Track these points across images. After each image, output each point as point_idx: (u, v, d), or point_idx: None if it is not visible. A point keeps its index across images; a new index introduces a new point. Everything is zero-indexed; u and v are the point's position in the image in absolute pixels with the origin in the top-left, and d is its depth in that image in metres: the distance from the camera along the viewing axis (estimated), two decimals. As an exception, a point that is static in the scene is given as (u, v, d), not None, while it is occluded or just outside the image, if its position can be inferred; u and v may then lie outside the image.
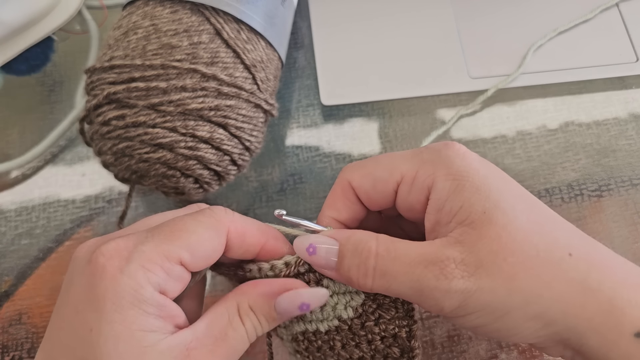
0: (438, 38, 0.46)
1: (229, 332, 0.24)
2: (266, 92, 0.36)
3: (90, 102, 0.33)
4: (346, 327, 0.27)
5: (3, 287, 0.39)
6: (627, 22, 0.46)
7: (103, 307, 0.21)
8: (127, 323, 0.21)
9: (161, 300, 0.22)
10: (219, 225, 0.25)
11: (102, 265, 0.22)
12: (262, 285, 0.26)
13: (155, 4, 0.34)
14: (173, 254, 0.23)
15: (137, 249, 0.23)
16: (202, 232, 0.24)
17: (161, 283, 0.22)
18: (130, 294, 0.21)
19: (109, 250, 0.22)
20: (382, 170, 0.27)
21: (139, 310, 0.22)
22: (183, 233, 0.23)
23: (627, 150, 0.43)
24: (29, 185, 0.42)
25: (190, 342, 0.23)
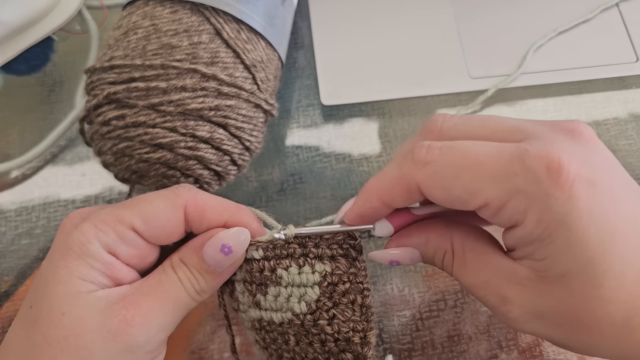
0: (438, 38, 0.46)
1: (162, 278, 0.25)
2: (266, 92, 0.36)
3: (90, 102, 0.33)
4: (298, 323, 0.26)
5: (3, 287, 0.39)
6: (627, 22, 0.46)
7: (52, 255, 0.24)
8: (69, 269, 0.23)
9: (108, 258, 0.24)
10: (176, 199, 0.26)
11: (64, 224, 0.25)
12: (191, 240, 0.27)
13: (155, 4, 0.34)
14: (126, 218, 0.25)
15: (95, 212, 0.25)
16: (158, 203, 0.25)
17: (110, 244, 0.24)
18: (77, 246, 0.24)
19: (74, 213, 0.26)
20: (462, 189, 0.22)
21: (82, 262, 0.23)
22: (139, 202, 0.25)
23: (627, 150, 0.43)
24: (29, 185, 0.42)
25: (127, 290, 0.24)
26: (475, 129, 0.23)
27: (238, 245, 0.26)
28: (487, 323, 0.37)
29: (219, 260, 0.25)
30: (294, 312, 0.26)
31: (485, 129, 0.23)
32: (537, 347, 0.36)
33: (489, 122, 0.23)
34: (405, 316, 0.37)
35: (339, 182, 0.42)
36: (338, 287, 0.26)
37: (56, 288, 0.23)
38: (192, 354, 0.36)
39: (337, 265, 0.27)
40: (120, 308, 0.23)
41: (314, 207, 0.41)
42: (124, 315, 0.23)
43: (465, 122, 0.24)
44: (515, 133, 0.22)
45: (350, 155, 0.43)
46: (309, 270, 0.27)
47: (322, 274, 0.26)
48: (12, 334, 0.24)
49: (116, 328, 0.23)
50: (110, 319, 0.23)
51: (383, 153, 0.43)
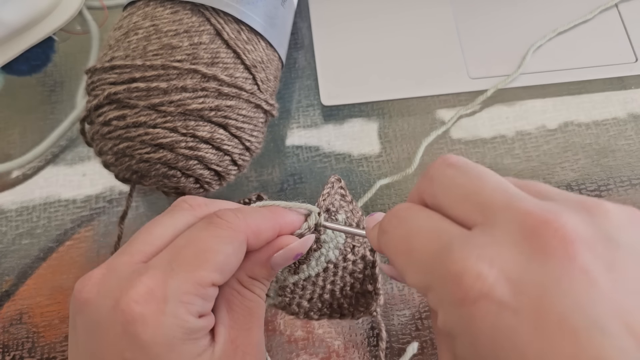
0: (438, 38, 0.46)
1: (247, 304, 0.25)
2: (266, 93, 0.36)
3: (90, 102, 0.33)
4: (333, 267, 0.30)
5: (4, 287, 0.39)
6: (626, 23, 0.46)
7: (157, 351, 0.21)
8: (186, 356, 0.22)
9: (204, 322, 0.23)
10: (239, 236, 0.24)
11: (141, 314, 0.21)
12: (253, 255, 0.26)
13: (155, 5, 0.34)
14: (206, 279, 0.23)
15: (169, 285, 0.22)
16: (226, 249, 0.24)
17: (200, 310, 0.23)
18: (179, 331, 0.22)
19: (141, 295, 0.22)
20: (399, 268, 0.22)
21: (190, 341, 0.22)
22: (209, 255, 0.23)
23: (626, 151, 0.43)
24: (30, 185, 0.42)
25: (229, 335, 0.24)
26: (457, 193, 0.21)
27: (305, 249, 0.28)
28: (487, 323, 0.37)
29: (287, 263, 0.27)
30: (329, 262, 0.30)
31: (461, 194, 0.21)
32: (536, 347, 0.36)
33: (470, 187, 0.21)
34: (405, 316, 0.37)
35: (339, 182, 0.42)
36: (352, 224, 0.32)
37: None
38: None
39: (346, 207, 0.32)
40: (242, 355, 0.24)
41: (314, 207, 0.41)
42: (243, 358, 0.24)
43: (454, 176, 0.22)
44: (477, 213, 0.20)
45: (350, 155, 0.43)
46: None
47: (343, 222, 0.31)
48: None
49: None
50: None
51: (383, 153, 0.43)
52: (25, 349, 0.37)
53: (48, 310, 0.38)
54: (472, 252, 0.18)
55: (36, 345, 0.37)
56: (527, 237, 0.17)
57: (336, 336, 0.37)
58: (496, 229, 0.18)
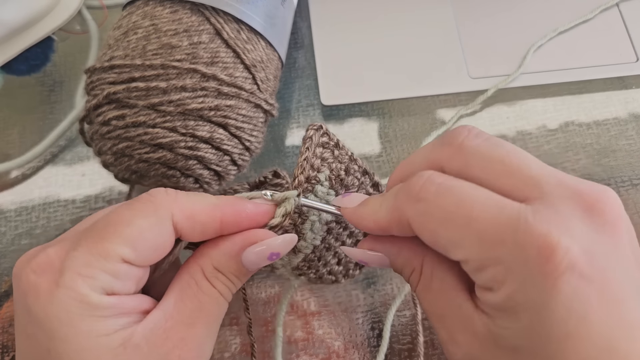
0: (438, 38, 0.46)
1: (201, 298, 0.23)
2: (266, 92, 0.36)
3: (90, 102, 0.33)
4: (334, 222, 0.29)
5: (3, 287, 0.39)
6: (627, 22, 0.46)
7: (50, 327, 0.20)
8: (85, 334, 0.20)
9: (113, 300, 0.21)
10: (160, 210, 0.22)
11: (34, 284, 0.20)
12: (222, 243, 0.24)
13: (155, 4, 0.34)
14: (111, 252, 0.21)
15: (69, 256, 0.20)
16: (140, 222, 0.21)
17: (106, 286, 0.21)
18: (75, 305, 0.20)
19: (39, 264, 0.21)
20: (446, 238, 0.21)
21: (92, 318, 0.20)
22: (118, 227, 0.21)
23: (627, 150, 0.43)
24: (29, 185, 0.42)
25: (165, 323, 0.21)
26: (495, 164, 0.21)
27: (285, 250, 0.25)
28: (487, 323, 0.37)
29: (260, 264, 0.24)
30: (327, 222, 0.29)
31: (504, 168, 0.21)
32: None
33: (511, 161, 0.21)
34: (405, 316, 0.37)
35: (339, 182, 0.42)
36: (340, 174, 0.30)
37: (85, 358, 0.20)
38: (192, 354, 0.36)
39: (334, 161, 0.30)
40: (172, 348, 0.21)
41: (314, 207, 0.41)
42: (179, 356, 0.21)
43: (489, 149, 0.21)
44: (531, 188, 0.20)
45: (350, 155, 0.43)
46: (318, 187, 0.29)
47: (326, 179, 0.30)
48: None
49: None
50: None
51: (383, 153, 0.43)
52: (24, 350, 0.37)
53: (47, 311, 0.38)
54: (552, 226, 0.18)
55: (35, 346, 0.37)
56: (587, 212, 0.19)
57: (336, 337, 0.37)
58: (557, 204, 0.19)
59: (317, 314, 0.37)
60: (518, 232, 0.18)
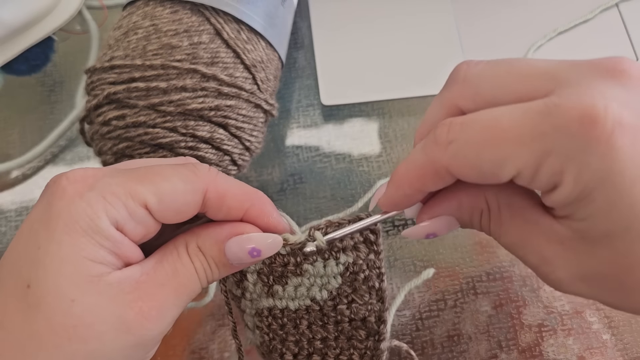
0: (438, 38, 0.46)
1: (178, 267, 0.23)
2: (266, 92, 0.36)
3: (90, 102, 0.33)
4: (317, 308, 0.27)
5: (3, 287, 0.39)
6: (626, 22, 0.46)
7: (55, 226, 0.21)
8: (77, 248, 0.21)
9: (117, 236, 0.22)
10: (197, 181, 0.23)
11: (63, 187, 0.21)
12: (212, 227, 0.24)
13: (155, 4, 0.34)
14: (139, 194, 0.22)
15: (103, 179, 0.22)
16: (176, 182, 0.23)
17: (119, 220, 0.22)
18: (84, 220, 0.21)
19: (75, 175, 0.22)
20: (490, 163, 0.20)
21: (90, 240, 0.21)
22: (155, 177, 0.22)
23: (626, 150, 0.43)
24: (30, 185, 0.42)
25: (139, 276, 0.22)
26: (503, 78, 0.21)
27: (268, 251, 0.24)
28: (487, 323, 0.37)
29: (242, 258, 0.24)
30: (314, 300, 0.27)
31: (513, 77, 0.21)
32: (537, 347, 0.36)
33: (517, 68, 0.21)
34: (405, 316, 0.37)
35: (339, 182, 0.42)
36: (358, 275, 0.27)
37: (64, 268, 0.20)
38: (192, 353, 0.36)
39: (358, 255, 0.27)
40: (136, 299, 0.21)
41: (314, 207, 0.41)
42: (141, 308, 0.21)
43: (492, 67, 0.22)
44: (547, 81, 0.20)
45: (350, 155, 0.43)
46: (333, 263, 0.27)
47: (345, 265, 0.27)
48: (8, 312, 0.21)
49: (132, 321, 0.21)
50: (126, 310, 0.21)
51: (383, 153, 0.43)
52: (24, 349, 0.37)
53: (47, 311, 0.38)
54: (582, 95, 0.18)
55: (36, 346, 0.37)
56: (610, 77, 0.19)
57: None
58: (579, 81, 0.19)
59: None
60: (553, 117, 0.18)
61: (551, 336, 0.36)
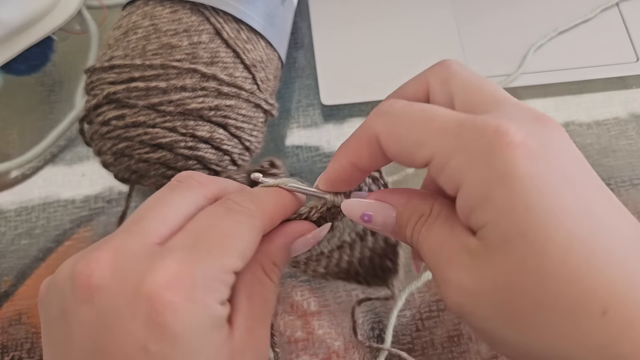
0: (438, 38, 0.46)
1: (266, 295, 0.25)
2: (266, 92, 0.36)
3: (90, 102, 0.33)
4: (347, 245, 0.30)
5: (3, 287, 0.39)
6: (627, 22, 0.46)
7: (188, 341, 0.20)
8: (215, 346, 0.21)
9: (226, 311, 0.22)
10: (257, 223, 0.24)
11: (170, 301, 0.20)
12: (278, 239, 0.26)
13: (155, 4, 0.34)
14: (230, 266, 0.22)
15: (197, 271, 0.21)
16: (249, 235, 0.23)
17: (223, 297, 0.22)
18: (208, 320, 0.21)
19: (168, 280, 0.20)
20: (412, 141, 0.22)
21: (215, 330, 0.22)
22: (233, 241, 0.23)
23: (627, 150, 0.43)
24: (29, 185, 0.42)
25: (247, 322, 0.23)
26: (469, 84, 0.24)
27: (321, 239, 0.27)
28: (487, 323, 0.37)
29: (303, 251, 0.27)
30: (344, 242, 0.30)
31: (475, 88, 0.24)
32: (537, 347, 0.36)
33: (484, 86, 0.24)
34: (405, 316, 0.37)
35: (339, 182, 0.41)
36: None
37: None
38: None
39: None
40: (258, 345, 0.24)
41: (314, 207, 0.41)
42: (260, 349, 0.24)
43: (470, 73, 0.25)
44: (493, 105, 0.22)
45: (350, 155, 0.43)
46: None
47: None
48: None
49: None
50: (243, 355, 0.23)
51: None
52: (24, 350, 0.37)
53: (47, 311, 0.38)
54: (503, 119, 0.21)
55: (35, 346, 0.37)
56: (538, 122, 0.21)
57: (336, 337, 0.37)
58: (509, 111, 0.22)
59: (317, 314, 0.37)
60: (475, 123, 0.20)
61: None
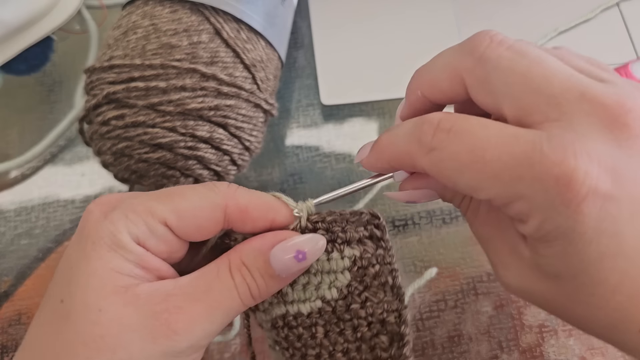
0: (438, 38, 0.46)
1: (214, 282, 0.23)
2: (266, 92, 0.36)
3: (89, 101, 0.33)
4: (330, 309, 0.26)
5: (2, 288, 0.39)
6: (627, 22, 0.46)
7: (84, 246, 0.22)
8: (103, 261, 0.22)
9: (140, 250, 0.23)
10: (215, 196, 0.24)
11: (91, 210, 0.23)
12: (254, 239, 0.25)
13: (154, 4, 0.34)
14: (158, 212, 0.23)
15: (126, 201, 0.24)
16: (194, 200, 0.24)
17: (140, 236, 0.23)
18: (108, 236, 0.22)
19: (102, 199, 0.24)
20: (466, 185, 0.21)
21: (116, 254, 0.22)
22: (175, 197, 0.24)
23: (627, 150, 0.43)
24: (29, 185, 0.42)
25: (171, 290, 0.23)
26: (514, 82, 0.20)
27: (313, 253, 0.24)
28: (488, 323, 0.37)
29: (289, 266, 0.24)
30: (324, 300, 0.26)
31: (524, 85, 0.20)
32: (537, 348, 0.36)
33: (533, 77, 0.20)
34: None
35: (339, 182, 0.41)
36: (368, 270, 0.26)
37: (92, 281, 0.21)
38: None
39: (365, 249, 0.26)
40: (163, 310, 0.22)
41: (314, 207, 0.41)
42: (167, 319, 0.22)
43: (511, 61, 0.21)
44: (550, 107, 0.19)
45: (350, 155, 0.43)
46: (337, 256, 0.26)
47: (351, 258, 0.26)
48: (38, 329, 0.22)
49: (157, 331, 0.21)
50: (152, 320, 0.21)
51: (383, 153, 0.43)
52: (23, 350, 0.37)
53: (47, 311, 0.38)
54: (568, 152, 0.18)
55: (35, 346, 0.37)
56: (609, 127, 0.19)
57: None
58: (576, 123, 0.19)
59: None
60: (534, 166, 0.19)
61: (552, 337, 0.36)
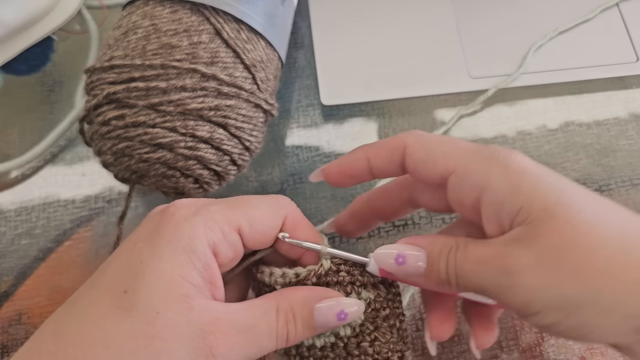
0: (438, 38, 0.46)
1: (260, 321, 0.24)
2: (266, 92, 0.36)
3: (90, 102, 0.33)
4: (342, 345, 0.27)
5: (3, 287, 0.39)
6: (627, 22, 0.46)
7: (159, 243, 0.23)
8: (173, 264, 0.22)
9: (210, 259, 0.23)
10: (280, 208, 0.26)
11: (171, 213, 0.24)
12: (303, 289, 0.26)
13: (155, 4, 0.34)
14: (234, 219, 0.24)
15: (205, 207, 0.24)
16: (264, 209, 0.26)
17: (217, 243, 0.24)
18: (186, 240, 0.23)
19: (181, 203, 0.25)
20: (441, 153, 0.26)
21: (187, 258, 0.23)
22: (246, 205, 0.25)
23: (627, 150, 0.43)
24: (29, 185, 0.42)
25: (220, 314, 0.23)
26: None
27: (353, 316, 0.26)
28: (488, 323, 0.37)
29: (329, 322, 0.25)
30: (337, 336, 0.27)
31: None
32: (537, 348, 0.36)
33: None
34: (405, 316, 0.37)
35: (339, 182, 0.41)
36: (380, 312, 0.28)
37: (159, 282, 0.22)
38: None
39: (379, 292, 0.28)
40: (210, 332, 0.22)
41: (314, 207, 0.41)
42: (211, 341, 0.22)
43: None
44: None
45: (350, 155, 0.43)
46: (355, 297, 0.27)
47: (366, 300, 0.27)
48: (101, 309, 0.22)
49: (200, 350, 0.22)
50: (198, 338, 0.22)
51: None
52: (24, 350, 0.37)
53: (47, 311, 0.38)
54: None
55: (35, 346, 0.37)
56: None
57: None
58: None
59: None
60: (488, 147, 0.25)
61: (552, 336, 0.36)
